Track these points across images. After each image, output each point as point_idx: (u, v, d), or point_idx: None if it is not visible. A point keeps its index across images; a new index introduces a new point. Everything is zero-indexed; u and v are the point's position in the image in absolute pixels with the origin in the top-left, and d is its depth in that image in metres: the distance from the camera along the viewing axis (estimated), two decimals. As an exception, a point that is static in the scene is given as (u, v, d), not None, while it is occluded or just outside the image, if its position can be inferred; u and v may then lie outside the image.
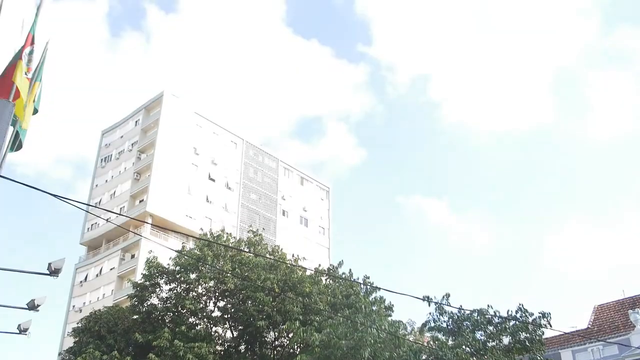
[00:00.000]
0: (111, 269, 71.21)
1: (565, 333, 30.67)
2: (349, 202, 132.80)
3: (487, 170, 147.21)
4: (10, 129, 10.85)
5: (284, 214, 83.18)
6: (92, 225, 76.30)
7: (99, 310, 27.18)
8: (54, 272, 18.08)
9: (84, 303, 69.74)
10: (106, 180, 78.49)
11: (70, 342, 27.62)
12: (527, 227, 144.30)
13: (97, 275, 73.23)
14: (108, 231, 72.30)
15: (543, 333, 18.42)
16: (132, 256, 69.63)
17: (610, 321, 38.95)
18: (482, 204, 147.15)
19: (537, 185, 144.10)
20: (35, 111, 12.21)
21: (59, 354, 36.20)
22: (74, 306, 71.92)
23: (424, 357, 13.53)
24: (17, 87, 10.84)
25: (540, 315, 18.00)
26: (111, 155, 79.95)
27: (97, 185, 79.41)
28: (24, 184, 10.64)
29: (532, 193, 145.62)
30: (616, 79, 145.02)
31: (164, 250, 29.78)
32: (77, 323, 26.96)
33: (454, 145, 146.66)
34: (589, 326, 39.00)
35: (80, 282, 74.29)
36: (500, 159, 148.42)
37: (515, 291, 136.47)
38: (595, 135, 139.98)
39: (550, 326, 17.98)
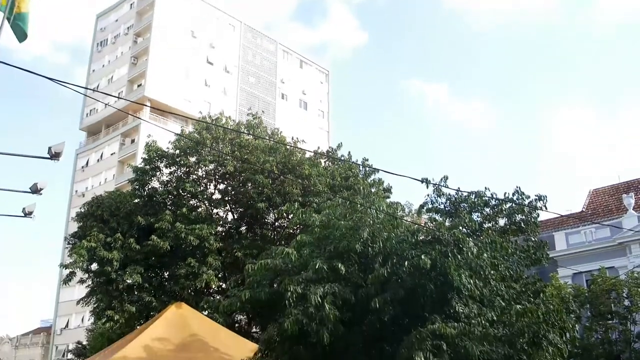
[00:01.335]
0: (112, 154, 71.68)
1: (560, 215, 31.21)
2: (349, 86, 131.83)
3: (488, 56, 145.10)
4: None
5: (283, 97, 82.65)
6: (90, 110, 76.09)
7: (101, 195, 27.44)
8: (54, 155, 18.08)
9: (86, 188, 70.69)
10: (103, 65, 77.51)
11: (74, 226, 28.07)
12: (528, 113, 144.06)
13: (97, 161, 73.83)
14: (107, 116, 72.21)
15: (538, 215, 18.72)
16: (132, 141, 69.87)
17: (604, 205, 39.58)
18: (483, 90, 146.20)
19: (539, 71, 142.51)
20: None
21: (65, 238, 36.98)
22: (76, 191, 72.95)
23: (421, 238, 13.75)
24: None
25: (537, 198, 18.20)
26: (107, 39, 78.55)
27: (94, 71, 78.55)
28: (22, 69, 10.45)
29: (534, 78, 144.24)
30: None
31: (163, 134, 29.77)
32: (80, 208, 27.26)
33: (456, 29, 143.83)
34: (584, 210, 39.66)
35: (82, 167, 74.95)
36: (501, 45, 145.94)
37: (514, 176, 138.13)
38: (602, 20, 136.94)
39: (546, 209, 18.24)
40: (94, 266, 25.20)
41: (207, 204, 27.40)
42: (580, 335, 23.90)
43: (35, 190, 19.37)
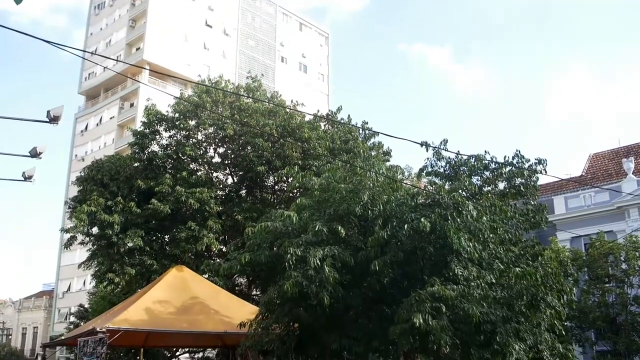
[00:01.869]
0: (111, 118, 71.42)
1: (560, 179, 31.21)
2: (349, 50, 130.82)
3: (490, 18, 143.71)
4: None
5: (282, 60, 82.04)
6: (89, 74, 75.62)
7: (101, 159, 27.38)
8: (53, 119, 18.03)
9: (86, 152, 70.61)
10: (101, 29, 76.76)
11: (74, 190, 28.07)
12: (528, 77, 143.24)
13: (97, 125, 73.59)
14: (106, 80, 71.79)
15: (538, 179, 18.67)
16: (131, 105, 69.55)
17: (604, 169, 39.60)
18: (485, 53, 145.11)
19: (542, 33, 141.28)
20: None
21: (65, 202, 37.02)
22: (76, 155, 72.87)
23: (421, 201, 13.77)
24: None
25: (536, 161, 18.15)
26: (105, 2, 77.62)
27: (92, 34, 77.83)
28: (20, 32, 10.32)
29: (537, 42, 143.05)
30: None
31: (162, 98, 29.58)
32: (80, 172, 27.23)
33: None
34: (583, 174, 39.69)
35: (81, 131, 74.76)
36: (503, 7, 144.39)
37: (516, 139, 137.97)
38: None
39: (546, 172, 18.18)
40: (95, 230, 25.28)
41: (207, 168, 27.37)
42: (578, 298, 24.13)
43: (34, 154, 19.33)
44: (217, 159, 27.75)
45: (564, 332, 15.23)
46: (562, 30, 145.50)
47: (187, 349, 30.19)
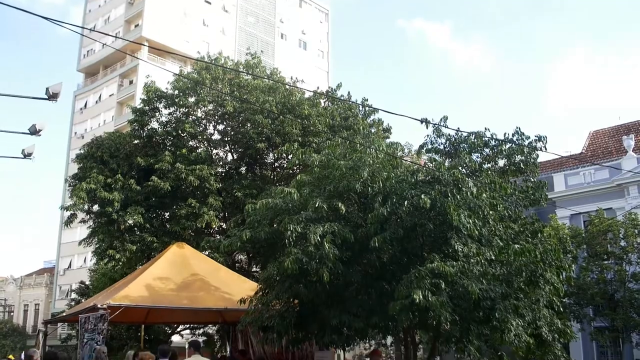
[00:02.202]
0: (110, 95, 71.27)
1: (560, 157, 31.17)
2: (349, 26, 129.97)
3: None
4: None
5: (282, 37, 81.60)
6: (88, 51, 75.32)
7: (100, 136, 27.35)
8: (52, 96, 17.96)
9: (85, 130, 70.56)
10: (99, 5, 76.31)
11: (74, 168, 28.07)
12: (528, 53, 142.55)
13: (96, 102, 73.47)
14: (105, 57, 71.55)
15: (538, 156, 18.59)
16: (130, 82, 69.37)
17: (604, 147, 39.58)
18: (486, 30, 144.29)
19: (543, 11, 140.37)
20: None
21: (65, 180, 37.04)
22: (75, 133, 72.83)
23: (420, 178, 13.76)
24: None
25: (536, 138, 18.07)
26: (102, -22, 77.04)
27: (90, 11, 77.40)
28: (18, 9, 10.22)
29: (538, 20, 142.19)
30: None
31: (161, 75, 29.46)
32: (80, 149, 27.22)
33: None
34: (583, 151, 39.67)
35: (80, 109, 74.66)
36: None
37: (514, 117, 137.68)
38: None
39: (546, 149, 18.09)
40: (95, 207, 25.33)
41: (206, 145, 27.35)
42: (576, 274, 24.25)
43: (34, 131, 19.28)
44: (216, 136, 27.72)
45: (562, 309, 15.31)
46: (565, 7, 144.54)
47: (187, 325, 30.40)
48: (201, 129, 27.14)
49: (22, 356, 32.82)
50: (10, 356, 33.98)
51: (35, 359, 11.53)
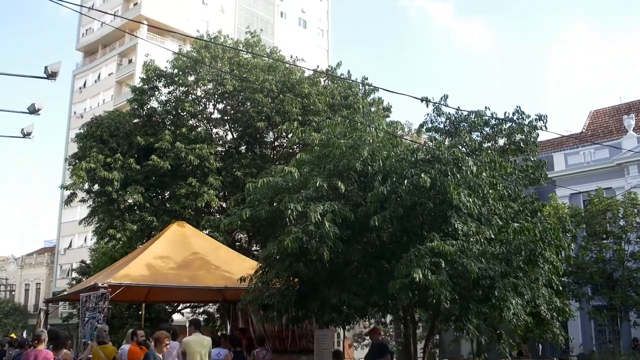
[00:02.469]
0: (109, 75, 70.99)
1: (561, 136, 31.12)
2: (349, 4, 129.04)
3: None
4: None
5: (282, 15, 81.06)
6: (87, 30, 74.89)
7: (100, 115, 27.29)
8: (51, 75, 17.90)
9: (85, 109, 70.37)
10: (98, -17, 75.63)
11: (74, 147, 28.03)
12: (530, 33, 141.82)
13: (95, 81, 73.19)
14: (104, 36, 71.17)
15: (538, 135, 18.55)
16: (130, 61, 69.04)
17: (604, 126, 39.49)
18: (488, 8, 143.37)
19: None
20: None
21: (65, 159, 37.02)
22: (75, 112, 72.64)
23: (421, 156, 13.75)
24: None
25: (537, 117, 18.01)
26: (100, -45, 76.28)
27: (88, -11, 76.66)
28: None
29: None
30: None
31: (161, 54, 29.35)
32: (79, 129, 27.18)
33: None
34: (583, 131, 39.59)
35: (79, 88, 74.39)
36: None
37: (516, 96, 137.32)
38: None
39: (546, 129, 18.03)
40: (95, 187, 25.34)
41: (206, 124, 27.30)
42: (576, 253, 24.34)
43: (33, 110, 19.24)
44: (216, 115, 27.67)
45: (561, 288, 15.36)
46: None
47: (187, 304, 30.54)
48: (201, 108, 27.06)
49: (24, 334, 33.10)
50: (13, 335, 34.14)
51: (43, 338, 11.61)
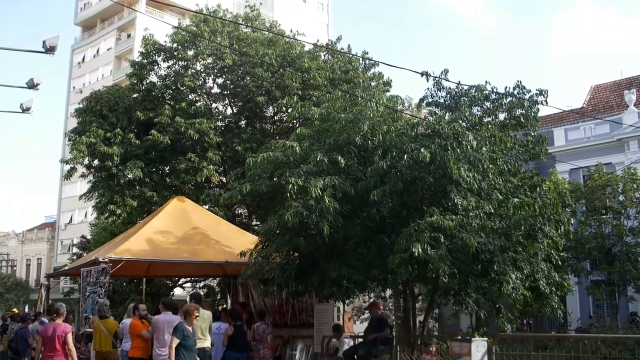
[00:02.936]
0: (108, 49, 70.63)
1: (562, 111, 31.04)
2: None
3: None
4: None
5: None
6: (84, 4, 74.37)
7: (99, 90, 27.18)
8: (49, 49, 17.84)
9: (84, 84, 70.12)
10: (95, -44, 74.96)
11: (73, 122, 27.96)
12: (532, 9, 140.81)
13: (94, 56, 72.85)
14: (102, 10, 70.70)
15: (538, 110, 18.46)
16: (128, 35, 68.68)
17: (605, 101, 39.36)
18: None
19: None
20: None
21: (65, 134, 36.94)
22: (74, 87, 72.41)
23: (421, 131, 13.72)
24: None
25: (537, 92, 17.93)
26: None
27: (86, -38, 76.05)
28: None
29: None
30: None
31: (160, 28, 29.19)
32: (79, 104, 27.10)
33: None
34: (584, 105, 39.47)
35: (78, 63, 74.07)
36: None
37: (516, 72, 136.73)
38: None
39: (546, 103, 17.92)
40: (95, 162, 25.33)
41: (206, 98, 27.21)
42: (575, 229, 24.38)
43: (32, 85, 19.19)
44: (216, 90, 27.56)
45: (560, 262, 15.40)
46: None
47: (188, 279, 30.71)
48: (200, 82, 26.96)
49: (26, 309, 33.35)
50: (15, 309, 34.40)
51: (62, 312, 11.52)
